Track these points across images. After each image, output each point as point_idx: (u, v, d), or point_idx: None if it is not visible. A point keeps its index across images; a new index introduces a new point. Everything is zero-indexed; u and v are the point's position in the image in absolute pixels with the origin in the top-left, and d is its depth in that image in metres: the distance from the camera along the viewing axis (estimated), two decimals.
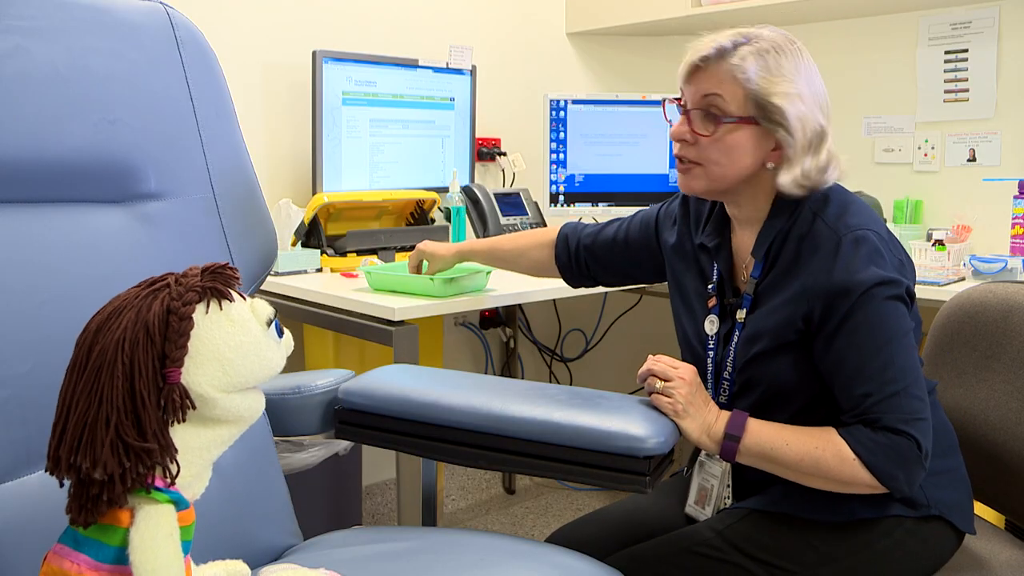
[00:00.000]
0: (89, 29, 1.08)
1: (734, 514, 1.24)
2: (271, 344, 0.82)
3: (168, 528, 0.73)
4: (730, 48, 1.19)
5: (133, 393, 0.72)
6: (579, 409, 1.12)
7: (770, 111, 1.17)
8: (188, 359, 0.75)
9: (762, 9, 2.48)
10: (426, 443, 1.18)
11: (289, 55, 2.32)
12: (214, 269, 0.80)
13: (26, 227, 1.00)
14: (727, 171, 1.21)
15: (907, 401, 1.12)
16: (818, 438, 1.15)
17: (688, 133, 1.22)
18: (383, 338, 1.68)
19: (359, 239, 2.13)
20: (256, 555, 1.10)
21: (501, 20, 2.79)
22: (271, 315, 0.82)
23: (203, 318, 0.77)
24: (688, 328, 1.35)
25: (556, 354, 3.03)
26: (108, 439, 0.71)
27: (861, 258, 1.14)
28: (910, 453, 1.11)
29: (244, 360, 0.79)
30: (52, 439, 0.74)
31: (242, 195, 1.22)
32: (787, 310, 1.18)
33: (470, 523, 2.74)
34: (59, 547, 0.75)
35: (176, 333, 0.74)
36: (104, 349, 0.73)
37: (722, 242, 1.31)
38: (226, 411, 0.79)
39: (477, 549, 1.09)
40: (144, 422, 0.72)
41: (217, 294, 0.78)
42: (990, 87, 2.36)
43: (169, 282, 0.77)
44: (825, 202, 1.21)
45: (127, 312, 0.75)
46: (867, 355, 1.13)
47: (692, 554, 1.21)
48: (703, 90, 1.20)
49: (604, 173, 2.63)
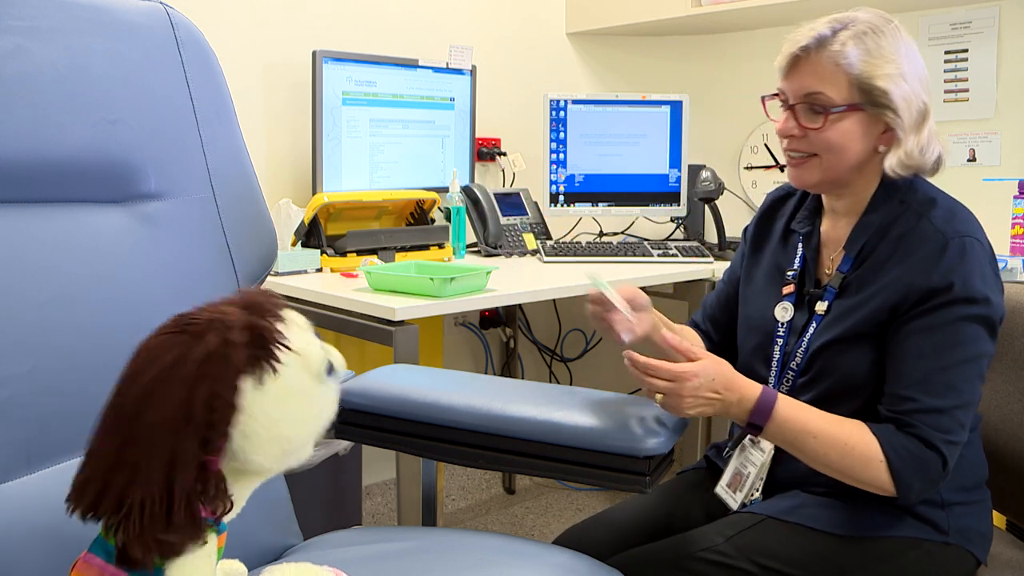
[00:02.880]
0: (89, 29, 1.08)
1: (745, 520, 1.22)
2: (328, 395, 0.76)
3: (207, 559, 0.72)
4: (829, 35, 1.17)
5: (170, 485, 0.68)
6: (579, 409, 1.12)
7: (875, 95, 1.16)
8: (243, 439, 0.70)
9: (762, 9, 2.48)
10: (426, 443, 1.18)
11: (289, 55, 2.32)
12: (258, 329, 0.70)
13: (26, 227, 1.00)
14: (841, 159, 1.20)
15: (949, 421, 1.11)
16: (849, 432, 1.13)
17: (796, 128, 1.21)
18: (383, 338, 1.68)
19: (359, 239, 2.13)
20: (256, 555, 1.10)
21: (501, 20, 2.79)
22: (325, 364, 0.75)
23: (254, 395, 0.70)
24: (753, 313, 1.34)
25: (556, 354, 3.03)
26: (135, 529, 0.68)
27: (965, 265, 1.12)
28: (934, 470, 1.10)
29: (303, 428, 0.74)
30: (82, 498, 0.71)
31: (242, 195, 1.22)
32: (876, 303, 1.16)
33: (470, 523, 2.74)
34: (89, 556, 0.74)
35: (218, 422, 0.69)
36: (151, 427, 0.68)
37: (813, 230, 1.30)
38: (280, 470, 0.76)
39: (477, 549, 1.09)
40: (175, 511, 0.69)
41: (268, 361, 0.70)
42: (990, 87, 2.36)
43: (213, 347, 0.69)
44: (932, 204, 1.20)
45: (176, 388, 0.68)
46: (930, 362, 1.12)
47: (699, 560, 1.18)
48: (806, 86, 1.19)
49: (604, 173, 2.63)
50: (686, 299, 2.29)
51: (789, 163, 1.25)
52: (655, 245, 2.41)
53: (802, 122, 1.20)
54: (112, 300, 1.03)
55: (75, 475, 0.73)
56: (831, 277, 1.25)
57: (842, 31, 1.17)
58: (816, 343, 1.22)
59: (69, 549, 0.91)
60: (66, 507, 0.73)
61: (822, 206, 1.32)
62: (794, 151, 1.23)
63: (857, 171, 1.21)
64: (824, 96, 1.17)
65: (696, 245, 2.44)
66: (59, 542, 0.91)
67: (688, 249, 2.38)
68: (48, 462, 0.94)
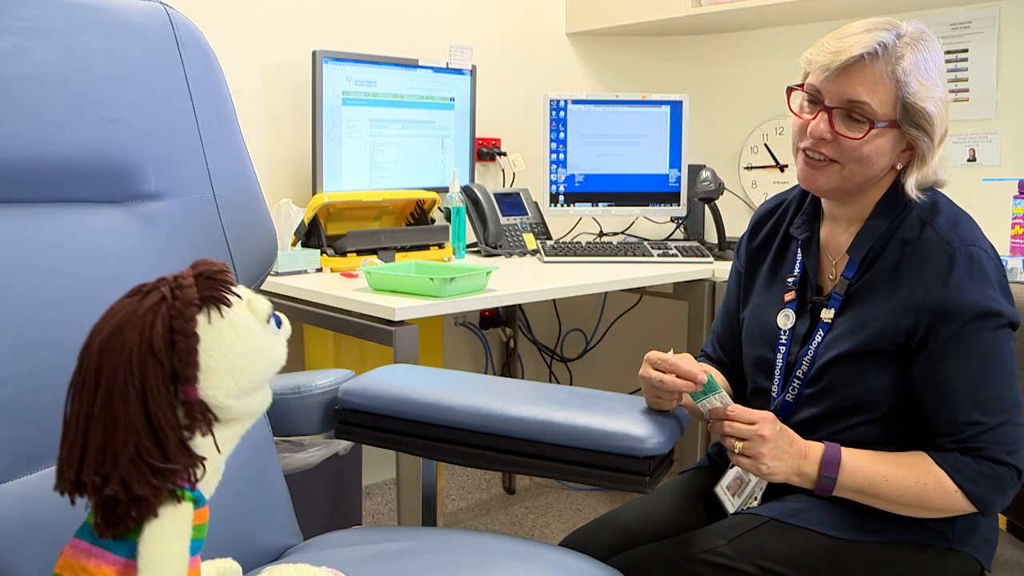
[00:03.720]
0: (89, 29, 1.08)
1: (748, 522, 1.20)
2: (273, 340, 0.82)
3: (181, 525, 0.74)
4: (891, 44, 1.12)
5: (149, 416, 0.72)
6: (579, 409, 1.12)
7: (917, 116, 1.14)
8: (199, 373, 0.75)
9: (762, 9, 2.48)
10: (426, 443, 1.18)
11: (289, 55, 2.32)
12: (207, 274, 0.78)
13: (26, 227, 1.00)
14: (864, 173, 1.17)
15: (1011, 432, 1.11)
16: (916, 470, 1.12)
17: (828, 132, 1.16)
18: (383, 338, 1.68)
19: (359, 239, 2.13)
20: (256, 555, 1.10)
21: (501, 20, 2.79)
22: (269, 310, 0.81)
23: (206, 329, 0.76)
24: (753, 320, 1.31)
25: (556, 354, 3.03)
26: (134, 464, 0.71)
27: (975, 279, 1.11)
28: (1010, 482, 1.11)
29: (252, 364, 0.79)
30: (69, 463, 0.73)
31: (242, 195, 1.22)
32: (888, 319, 1.14)
33: (470, 523, 2.74)
34: (76, 541, 0.76)
35: (184, 352, 0.74)
36: (112, 373, 0.73)
37: (812, 236, 1.27)
38: (239, 412, 0.79)
39: (477, 549, 1.09)
40: (165, 443, 0.72)
41: (216, 302, 0.77)
42: (990, 87, 2.36)
43: (164, 293, 0.76)
44: (934, 210, 1.17)
45: (128, 332, 0.74)
46: (977, 385, 1.11)
47: (700, 561, 1.17)
48: (854, 93, 1.13)
49: (604, 173, 2.63)
50: (686, 299, 2.29)
51: (806, 163, 1.20)
52: (655, 245, 2.41)
53: (838, 128, 1.15)
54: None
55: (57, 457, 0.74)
56: (836, 283, 1.22)
57: (899, 42, 1.13)
58: (826, 355, 1.19)
59: None
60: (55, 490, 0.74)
61: (820, 211, 1.29)
62: (819, 154, 1.18)
63: (871, 183, 1.19)
64: (870, 108, 1.13)
65: (696, 245, 2.44)
66: (59, 542, 0.90)
67: (688, 249, 2.38)
68: (48, 462, 0.94)
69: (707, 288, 2.24)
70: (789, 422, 1.22)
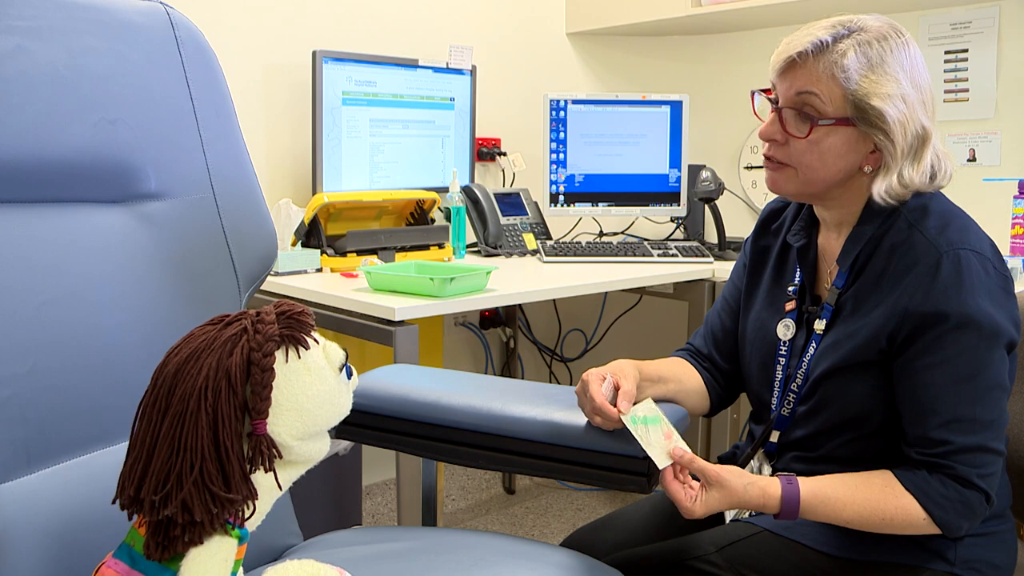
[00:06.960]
0: (89, 29, 1.08)
1: (741, 531, 1.18)
2: (343, 389, 0.83)
3: (225, 556, 0.75)
4: (829, 42, 1.10)
5: (217, 443, 0.73)
6: (579, 409, 1.12)
7: (869, 113, 1.09)
8: (270, 408, 0.76)
9: (762, 9, 2.48)
10: (426, 443, 1.18)
11: (289, 55, 2.32)
12: (290, 313, 0.79)
13: (26, 227, 1.00)
14: (819, 174, 1.13)
15: (983, 456, 1.05)
16: (881, 496, 1.07)
17: (779, 133, 1.14)
18: (383, 338, 1.68)
19: (359, 239, 2.13)
20: (256, 555, 1.10)
21: (501, 20, 2.79)
22: (343, 359, 0.82)
23: (282, 367, 0.77)
24: (753, 329, 1.28)
25: (556, 354, 3.03)
26: (196, 488, 0.72)
27: (963, 285, 1.05)
28: (979, 506, 1.06)
29: (320, 408, 0.79)
30: (131, 478, 0.74)
31: (242, 195, 1.22)
32: (872, 328, 1.10)
33: (470, 523, 2.74)
34: (114, 562, 0.76)
35: (259, 385, 0.74)
36: (185, 395, 0.73)
37: (809, 243, 1.23)
38: (299, 456, 0.80)
39: (477, 549, 1.09)
40: (230, 472, 0.73)
41: (295, 342, 0.78)
42: (990, 87, 2.36)
43: (246, 325, 0.77)
44: (924, 212, 1.12)
45: (206, 358, 0.74)
46: (952, 401, 1.05)
47: (688, 568, 1.16)
48: (797, 87, 1.12)
49: (604, 173, 2.63)
50: (686, 299, 2.29)
51: (766, 166, 1.19)
52: (655, 245, 2.41)
53: (787, 128, 1.13)
54: (112, 300, 1.03)
55: (121, 468, 0.75)
56: (828, 293, 1.18)
57: (845, 38, 1.10)
58: (817, 369, 1.16)
59: (70, 549, 0.91)
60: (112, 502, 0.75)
61: (816, 217, 1.25)
62: (772, 157, 1.16)
63: (840, 186, 1.15)
64: (817, 99, 1.11)
65: (696, 245, 2.44)
66: (59, 542, 0.91)
67: (688, 249, 2.38)
68: (48, 462, 0.94)
69: (707, 288, 2.24)
70: (785, 439, 1.21)
